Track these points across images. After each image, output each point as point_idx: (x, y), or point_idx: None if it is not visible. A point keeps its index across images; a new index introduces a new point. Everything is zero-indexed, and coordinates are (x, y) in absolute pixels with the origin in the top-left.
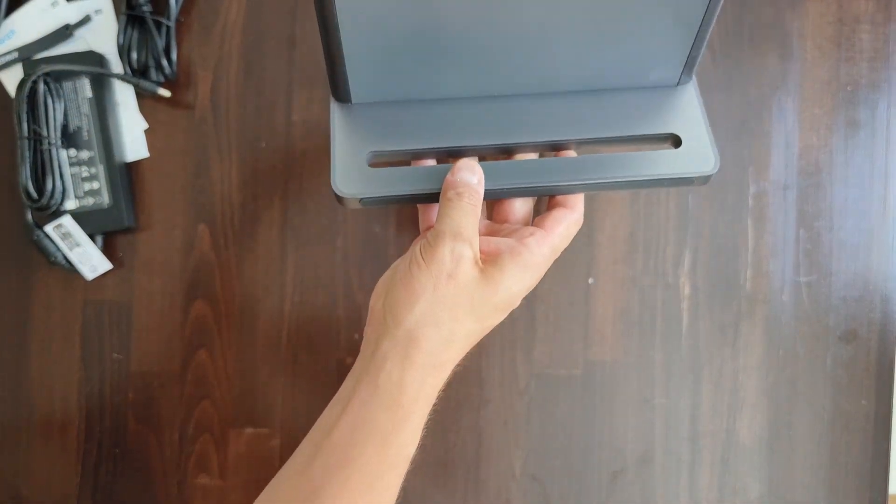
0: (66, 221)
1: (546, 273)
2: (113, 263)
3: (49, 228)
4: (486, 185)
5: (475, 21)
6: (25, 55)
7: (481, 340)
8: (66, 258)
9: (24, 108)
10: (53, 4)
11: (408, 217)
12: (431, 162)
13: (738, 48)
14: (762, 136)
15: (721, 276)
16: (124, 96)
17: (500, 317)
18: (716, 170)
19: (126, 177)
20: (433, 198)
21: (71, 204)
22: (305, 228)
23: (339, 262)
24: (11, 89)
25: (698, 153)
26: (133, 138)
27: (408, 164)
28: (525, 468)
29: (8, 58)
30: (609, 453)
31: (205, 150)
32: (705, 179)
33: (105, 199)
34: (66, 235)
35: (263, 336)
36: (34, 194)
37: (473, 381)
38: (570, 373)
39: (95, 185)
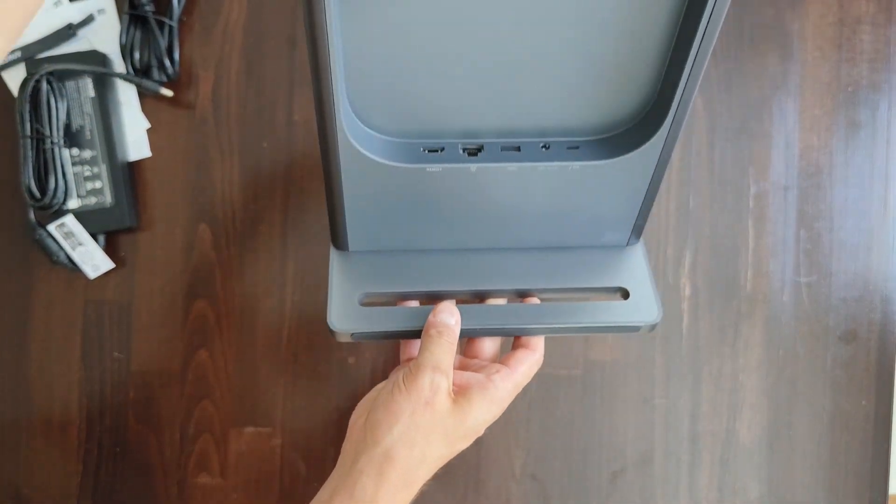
0: (69, 221)
1: None
2: (115, 263)
3: (51, 228)
4: (461, 325)
5: (457, 201)
6: (28, 54)
7: None
8: (68, 257)
9: (27, 107)
10: (56, 4)
11: None
12: (415, 303)
13: (739, 49)
14: (762, 137)
15: (721, 277)
16: (127, 96)
17: (466, 443)
18: (658, 320)
19: (128, 176)
20: (415, 334)
21: (73, 203)
22: (306, 228)
23: None
24: (14, 88)
25: (644, 305)
26: (135, 138)
27: (394, 303)
28: (525, 468)
29: (11, 57)
30: (609, 453)
31: (206, 149)
32: (651, 327)
33: (107, 198)
34: (68, 235)
35: (264, 335)
36: (37, 193)
37: None
38: (571, 373)
39: (98, 184)
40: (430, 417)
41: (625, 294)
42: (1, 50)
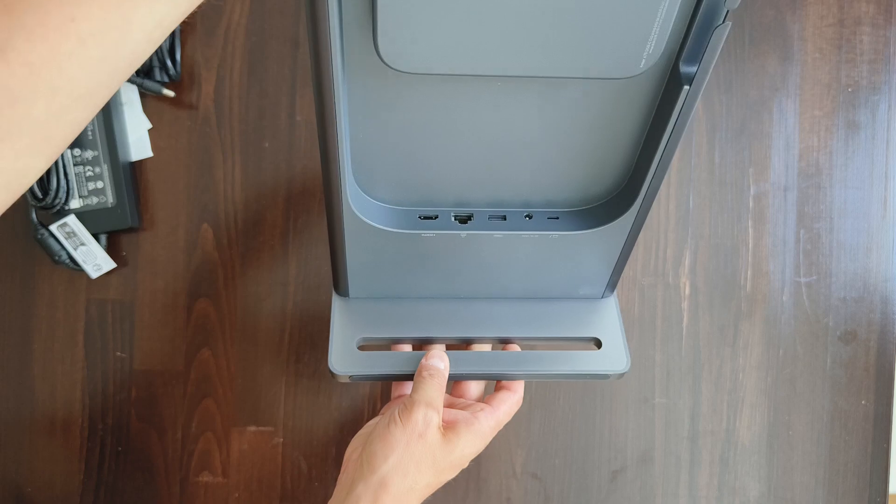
0: (71, 220)
1: None
2: (116, 262)
3: (54, 227)
4: (450, 369)
5: (448, 260)
6: None
7: None
8: (70, 257)
9: None
10: None
11: None
12: (408, 346)
13: (739, 50)
14: (762, 138)
15: (721, 277)
16: (129, 96)
17: (453, 473)
18: (626, 369)
19: (130, 176)
20: (408, 377)
21: (75, 203)
22: (308, 228)
23: None
24: None
25: (614, 355)
26: (137, 138)
27: (388, 346)
28: (526, 466)
29: None
30: (609, 452)
31: (208, 149)
32: (619, 376)
33: (109, 198)
34: (70, 234)
35: (266, 335)
36: (39, 193)
37: None
38: None
39: (99, 184)
40: (422, 448)
41: (598, 343)
42: (38, 170)
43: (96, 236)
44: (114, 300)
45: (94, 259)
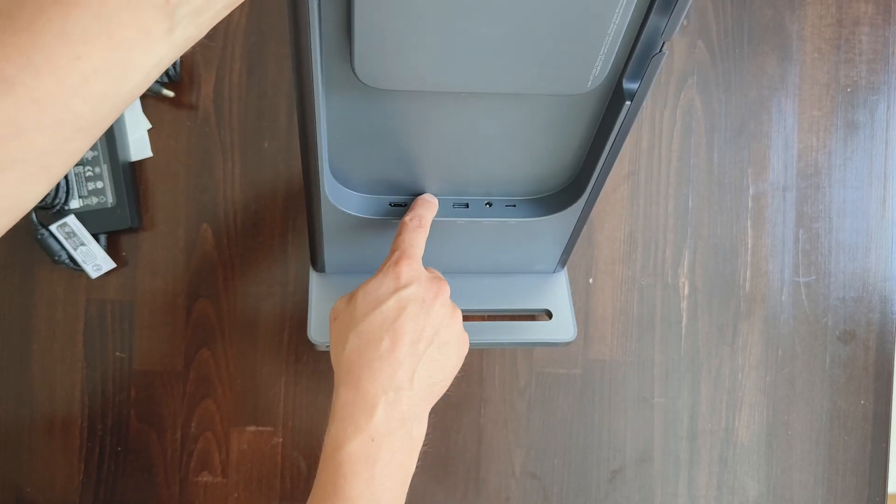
0: (71, 221)
1: None
2: (116, 262)
3: (53, 228)
4: None
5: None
6: None
7: None
8: (70, 257)
9: None
10: None
11: None
12: None
13: (738, 50)
14: (761, 138)
15: (720, 277)
16: None
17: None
18: (573, 338)
19: (130, 176)
20: None
21: (75, 203)
22: (307, 228)
23: None
24: None
25: (563, 325)
26: (137, 138)
27: None
28: (525, 466)
29: None
30: (608, 452)
31: (208, 150)
32: (566, 344)
33: (109, 198)
34: (70, 234)
35: (266, 335)
36: None
37: (474, 380)
38: (570, 372)
39: (99, 184)
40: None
41: (549, 314)
42: (38, 196)
43: (96, 236)
44: (113, 300)
45: (94, 259)
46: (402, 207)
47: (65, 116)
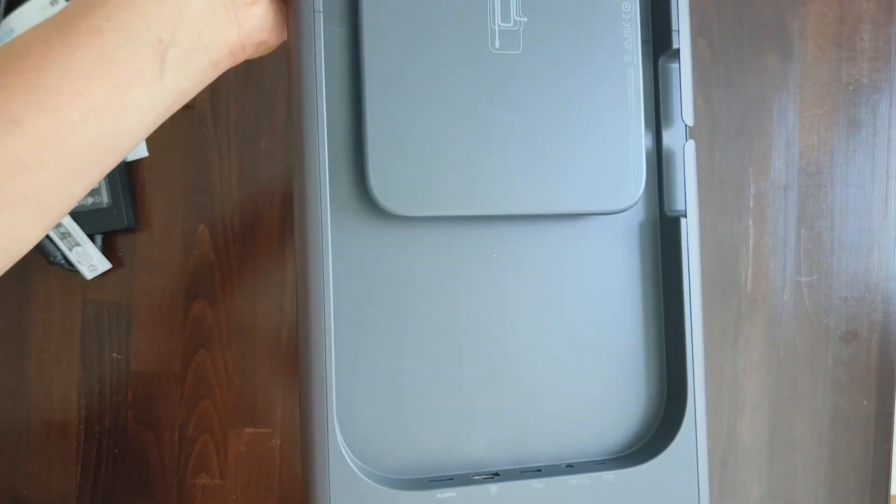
0: (66, 221)
1: None
2: (112, 263)
3: None
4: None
5: None
6: None
7: None
8: (65, 258)
9: None
10: (53, 3)
11: None
12: None
13: (739, 48)
14: (763, 137)
15: (721, 276)
16: None
17: None
18: None
19: (125, 176)
20: None
21: None
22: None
23: None
24: None
25: None
26: None
27: None
28: None
29: None
30: None
31: (205, 149)
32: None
33: (104, 198)
34: (65, 235)
35: (263, 336)
36: None
37: None
38: None
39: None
40: None
41: None
42: (34, 239)
43: (92, 237)
44: (110, 301)
45: (90, 260)
46: (447, 481)
47: (63, 155)
